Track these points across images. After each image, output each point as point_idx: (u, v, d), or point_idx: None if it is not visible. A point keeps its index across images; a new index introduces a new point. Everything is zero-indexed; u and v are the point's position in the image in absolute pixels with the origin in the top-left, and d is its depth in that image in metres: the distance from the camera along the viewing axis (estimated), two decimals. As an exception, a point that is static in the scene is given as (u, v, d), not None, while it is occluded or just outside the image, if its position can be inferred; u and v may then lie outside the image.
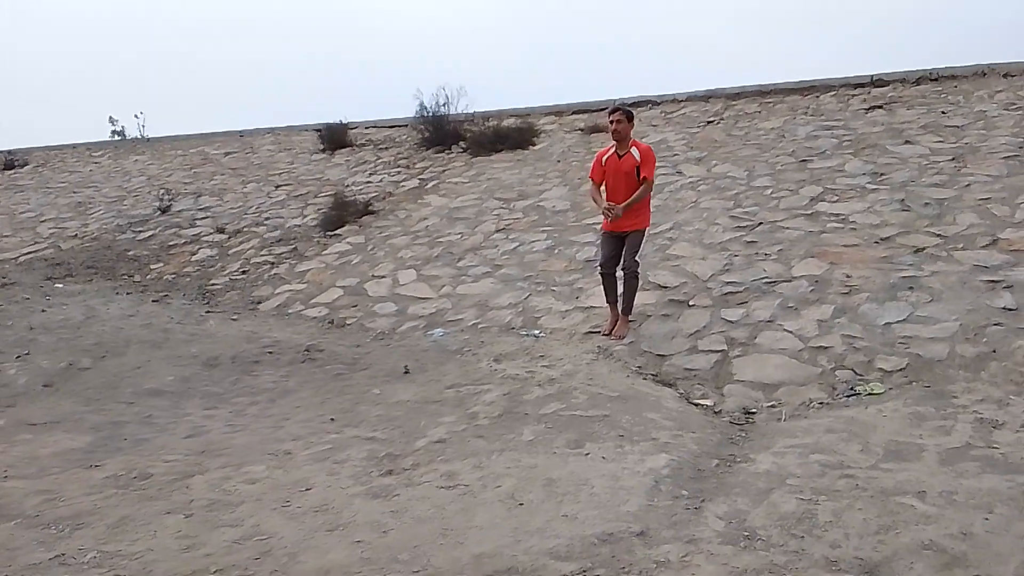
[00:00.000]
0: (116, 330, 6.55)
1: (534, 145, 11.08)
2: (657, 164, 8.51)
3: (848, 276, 5.64)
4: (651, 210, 6.02)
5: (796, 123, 9.44)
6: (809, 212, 6.88)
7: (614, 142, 5.72)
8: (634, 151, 5.62)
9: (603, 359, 5.15)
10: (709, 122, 10.32)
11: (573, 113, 12.28)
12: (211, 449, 4.07)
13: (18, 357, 5.95)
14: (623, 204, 5.55)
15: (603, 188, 5.77)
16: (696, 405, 4.50)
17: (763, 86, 11.07)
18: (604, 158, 5.77)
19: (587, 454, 3.73)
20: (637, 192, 5.55)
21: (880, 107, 9.37)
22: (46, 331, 6.58)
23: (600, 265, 5.79)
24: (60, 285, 8.52)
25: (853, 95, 10.06)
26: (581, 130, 11.23)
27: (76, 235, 10.70)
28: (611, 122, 5.71)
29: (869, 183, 7.25)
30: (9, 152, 16.34)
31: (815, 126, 9.16)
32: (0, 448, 4.22)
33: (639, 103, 11.76)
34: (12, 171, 15.50)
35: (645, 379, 4.88)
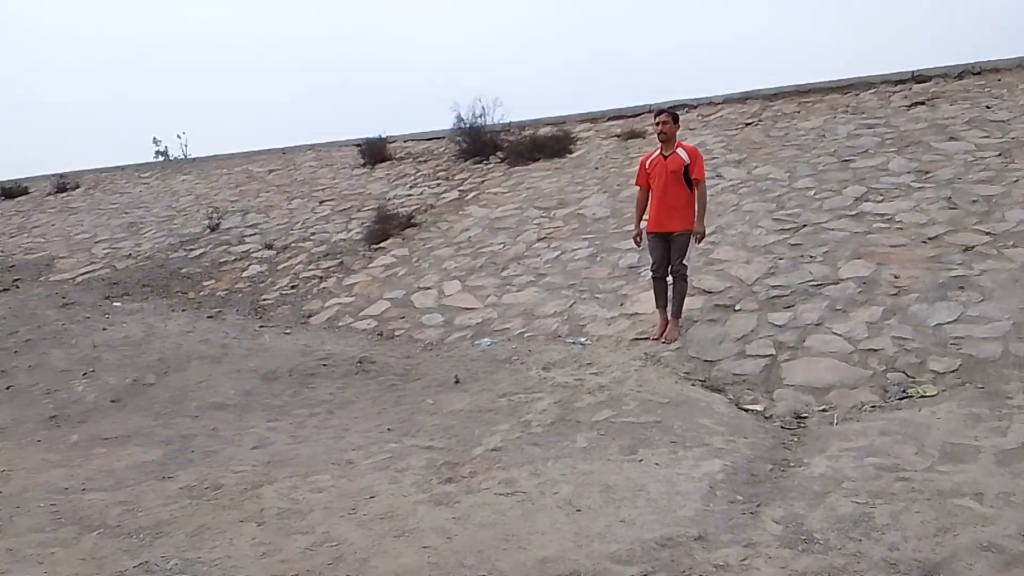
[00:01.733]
0: (176, 346, 6.81)
1: (571, 153, 11.18)
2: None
3: (896, 276, 5.62)
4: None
5: (836, 122, 9.38)
6: (854, 212, 6.85)
7: (659, 143, 5.84)
8: (680, 151, 5.73)
9: (651, 365, 5.21)
10: (747, 123, 10.30)
11: (609, 119, 12.34)
12: (277, 460, 4.24)
13: (85, 375, 6.23)
14: (697, 222, 5.70)
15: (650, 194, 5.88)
16: (747, 410, 4.54)
17: (801, 85, 11.01)
18: (648, 161, 5.89)
19: (641, 460, 3.80)
20: (697, 197, 5.68)
21: (922, 103, 9.26)
22: (109, 348, 6.86)
23: (652, 270, 5.86)
24: (118, 304, 8.85)
25: (894, 92, 9.96)
26: (618, 136, 11.29)
27: (130, 255, 11.09)
28: (657, 124, 5.82)
29: (914, 181, 7.19)
30: (61, 175, 16.96)
31: (856, 124, 9.10)
32: (77, 462, 4.44)
33: (675, 106, 11.76)
34: (64, 194, 16.08)
35: (694, 385, 4.93)
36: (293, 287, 8.80)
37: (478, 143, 12.28)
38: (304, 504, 3.58)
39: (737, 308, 5.75)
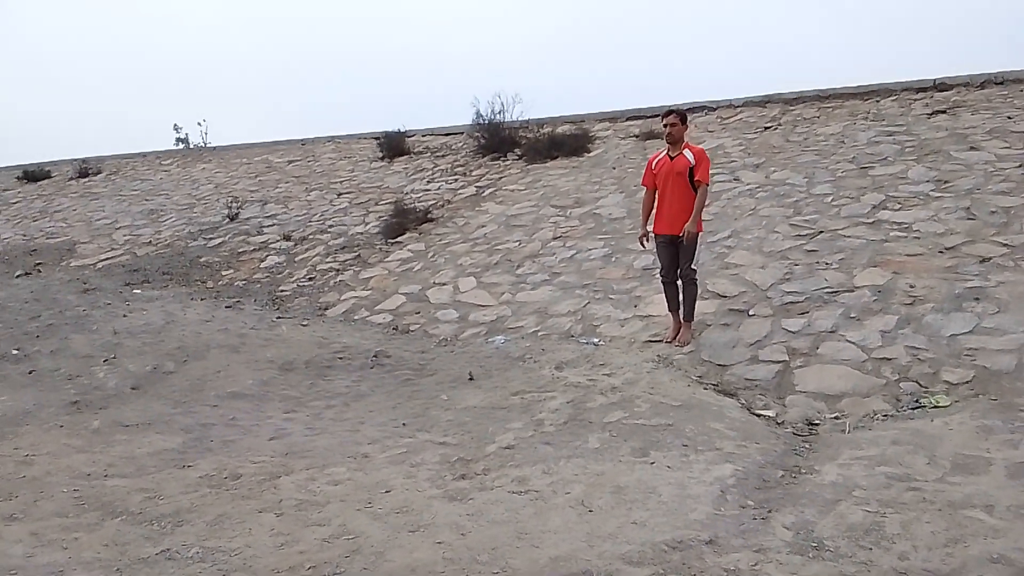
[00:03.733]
0: (195, 335, 6.91)
1: (589, 152, 11.20)
2: (714, 170, 8.53)
3: (912, 286, 5.62)
4: (708, 218, 6.10)
5: (856, 128, 9.35)
6: (871, 220, 6.85)
7: (667, 145, 5.78)
8: (687, 153, 5.66)
9: (664, 368, 5.25)
10: (767, 127, 10.28)
11: (628, 119, 12.35)
12: (294, 451, 4.31)
13: (106, 360, 6.33)
14: (691, 221, 5.56)
15: (656, 195, 5.84)
16: (758, 415, 4.57)
17: (822, 91, 10.98)
18: (655, 161, 5.84)
19: (652, 462, 3.84)
20: (697, 200, 5.59)
21: (943, 111, 9.22)
22: (130, 335, 6.97)
23: (661, 275, 5.86)
24: (139, 291, 8.98)
25: (915, 99, 9.92)
26: (636, 136, 11.31)
27: (150, 242, 11.22)
28: (665, 125, 5.76)
29: (933, 190, 7.17)
30: (83, 160, 17.15)
31: (876, 131, 9.07)
32: (99, 448, 4.54)
33: (695, 108, 11.77)
34: (86, 179, 16.27)
35: (706, 388, 4.96)
36: (310, 279, 8.88)
37: (496, 139, 12.33)
38: (321, 496, 3.65)
39: (751, 313, 5.78)
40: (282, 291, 8.69)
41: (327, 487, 3.77)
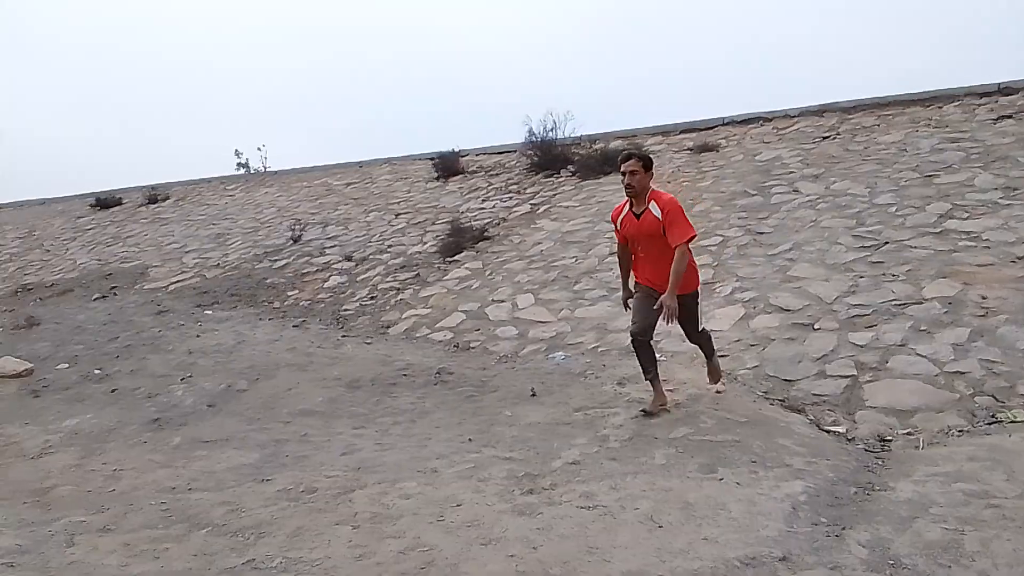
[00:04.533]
0: (265, 354, 7.15)
1: (643, 167, 11.20)
2: (771, 181, 8.44)
3: (984, 297, 5.48)
4: (768, 230, 6.03)
5: (918, 136, 9.16)
6: (938, 230, 6.70)
7: (627, 198, 4.73)
8: (653, 208, 4.58)
9: (728, 383, 5.22)
10: (825, 137, 10.14)
11: (681, 132, 12.32)
12: (365, 466, 4.44)
13: (182, 380, 6.61)
14: (667, 294, 4.48)
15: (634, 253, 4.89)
16: (828, 432, 4.52)
17: (880, 98, 10.78)
18: (619, 219, 4.82)
19: (721, 479, 3.84)
20: (673, 269, 4.50)
21: (1009, 116, 8.97)
22: (203, 355, 7.26)
23: (631, 333, 4.70)
24: (209, 312, 9.32)
25: (979, 104, 9.66)
26: (690, 149, 11.27)
27: (218, 264, 11.63)
28: (623, 173, 4.65)
29: (1001, 198, 6.98)
30: (152, 187, 17.88)
31: (939, 138, 8.87)
32: (181, 463, 4.75)
33: (749, 120, 11.70)
34: (155, 205, 16.94)
35: (772, 404, 4.92)
36: (372, 298, 9.09)
37: (549, 157, 12.44)
38: (394, 510, 3.76)
39: (816, 327, 5.71)
40: (345, 310, 8.92)
41: (399, 501, 3.87)
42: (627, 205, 4.78)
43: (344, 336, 7.89)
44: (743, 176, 9.50)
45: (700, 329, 4.98)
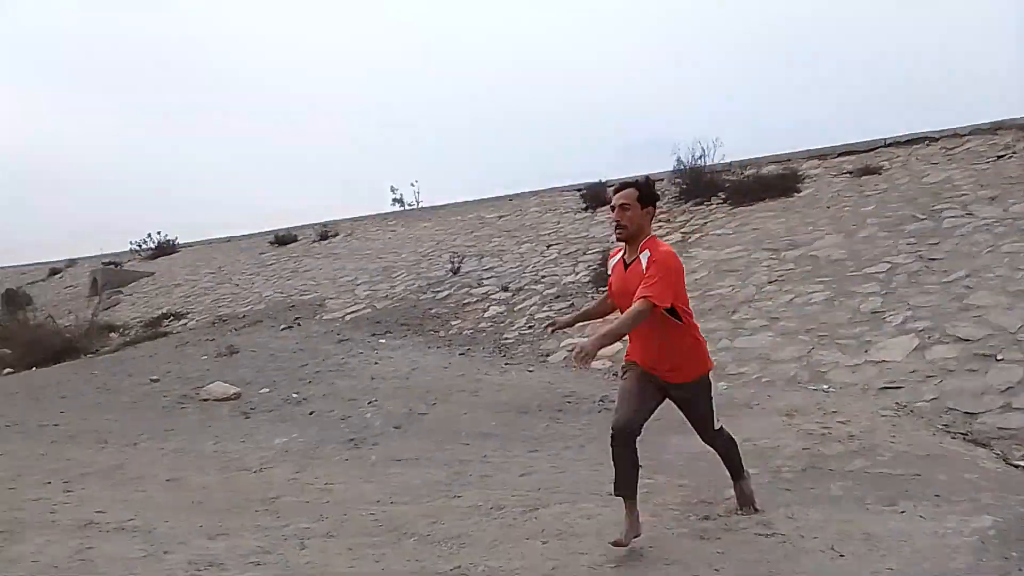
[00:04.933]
0: (438, 380, 7.73)
1: (799, 192, 11.03)
2: (942, 205, 8.09)
3: None
4: (940, 256, 5.83)
5: (1113, 150, 8.48)
6: None
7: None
8: (644, 257, 3.55)
9: (905, 416, 5.15)
10: (999, 156, 9.59)
11: (839, 155, 12.01)
12: (545, 487, 4.78)
13: (369, 403, 7.28)
14: (593, 337, 3.32)
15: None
16: (1017, 466, 4.37)
17: (1064, 111, 10.04)
18: (612, 263, 3.93)
19: (903, 512, 3.85)
20: (621, 318, 3.49)
21: None
22: (383, 380, 7.95)
23: (613, 427, 3.61)
24: (383, 340, 10.13)
25: None
26: (850, 173, 10.98)
27: (387, 296, 12.57)
28: (612, 208, 3.69)
29: None
30: (323, 224, 19.52)
31: None
32: (380, 479, 5.30)
33: (914, 140, 11.23)
34: (326, 241, 18.48)
35: (954, 438, 4.81)
36: (530, 327, 9.54)
37: (699, 184, 12.49)
38: (578, 528, 4.06)
39: (999, 358, 5.49)
40: (506, 339, 9.42)
41: (581, 520, 4.17)
42: (620, 252, 3.81)
43: (508, 364, 8.36)
44: (910, 200, 9.16)
45: (717, 428, 3.90)
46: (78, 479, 5.49)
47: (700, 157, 12.85)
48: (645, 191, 3.66)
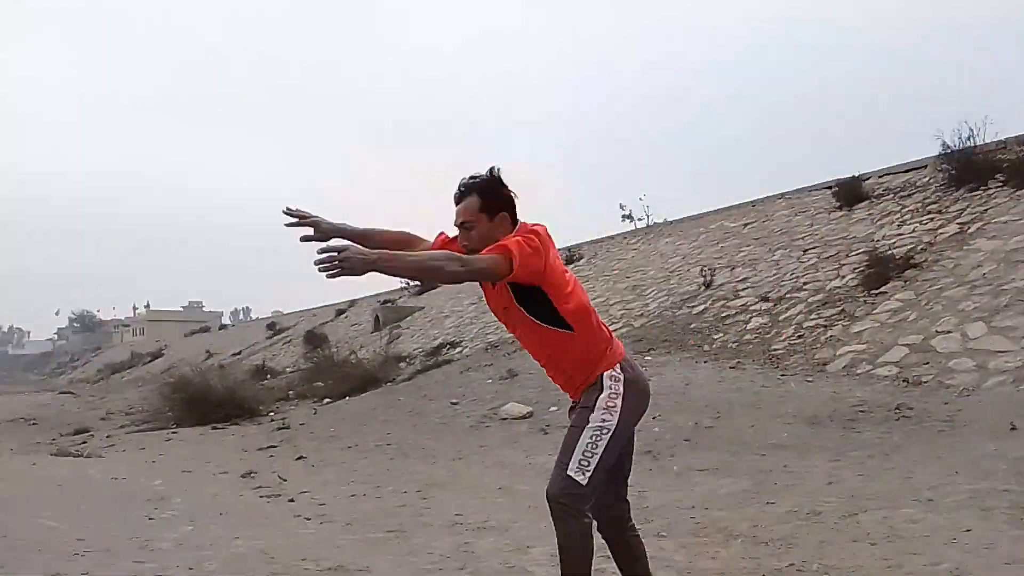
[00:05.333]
0: (714, 394, 8.09)
1: (1099, 164, 9.88)
2: None
3: None
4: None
5: None
6: None
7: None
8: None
9: None
10: None
11: None
12: (857, 494, 4.97)
13: (655, 417, 7.82)
14: (362, 262, 2.38)
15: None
16: None
17: None
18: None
19: None
20: (428, 254, 2.68)
21: None
22: (662, 396, 8.44)
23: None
24: (649, 357, 10.66)
25: None
26: None
27: (642, 314, 13.13)
28: (457, 225, 2.85)
29: None
30: (569, 248, 20.64)
31: None
32: (687, 487, 5.78)
33: None
34: (573, 264, 19.51)
35: None
36: (799, 336, 9.54)
37: (970, 168, 11.60)
38: (903, 531, 4.23)
39: None
40: (774, 349, 9.50)
41: (905, 524, 4.33)
42: None
43: (783, 375, 8.47)
44: None
45: (569, 474, 2.74)
46: (426, 489, 6.60)
47: (968, 138, 11.95)
48: (488, 198, 2.79)
